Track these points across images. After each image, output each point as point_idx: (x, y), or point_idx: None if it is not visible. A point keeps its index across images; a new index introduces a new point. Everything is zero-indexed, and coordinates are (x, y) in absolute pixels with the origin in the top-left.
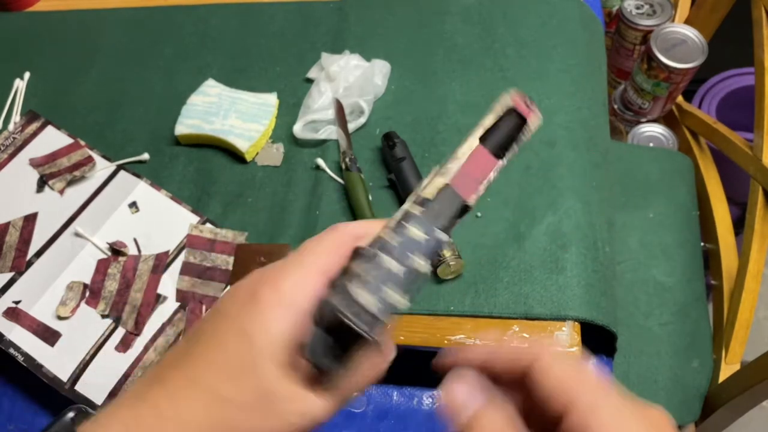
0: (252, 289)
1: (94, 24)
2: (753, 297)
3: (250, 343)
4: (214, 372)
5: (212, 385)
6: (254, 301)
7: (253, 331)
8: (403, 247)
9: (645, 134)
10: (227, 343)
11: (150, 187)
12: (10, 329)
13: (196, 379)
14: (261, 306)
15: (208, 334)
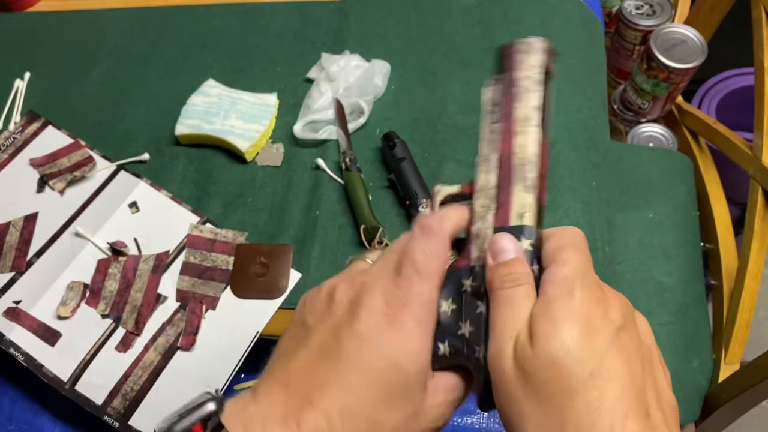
0: (386, 312)
1: (94, 24)
2: (753, 297)
3: (403, 374)
4: (372, 401)
5: (370, 414)
6: (395, 326)
7: (403, 363)
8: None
9: (645, 134)
10: (379, 372)
11: (150, 187)
12: (11, 329)
13: (351, 408)
14: (403, 334)
15: (353, 359)
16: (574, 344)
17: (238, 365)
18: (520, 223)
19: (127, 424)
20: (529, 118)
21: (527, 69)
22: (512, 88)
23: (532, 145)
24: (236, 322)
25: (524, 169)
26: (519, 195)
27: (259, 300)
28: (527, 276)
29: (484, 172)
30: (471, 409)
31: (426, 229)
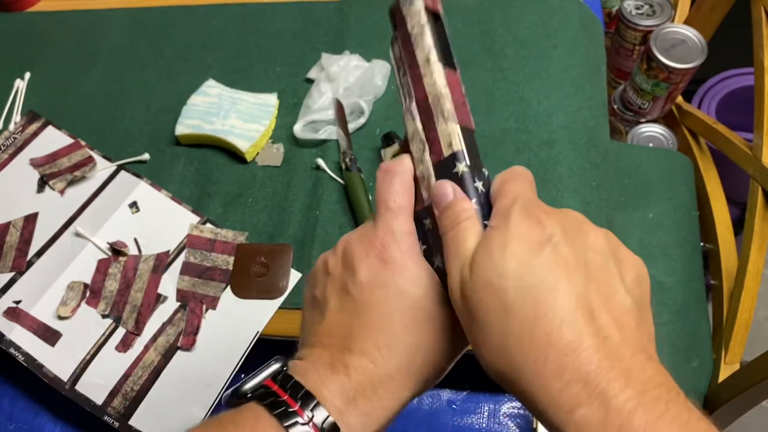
0: (376, 254)
1: (94, 24)
2: (752, 297)
3: (413, 298)
4: (400, 330)
5: (404, 341)
6: (388, 263)
7: (408, 288)
8: (482, 208)
9: (644, 134)
10: (392, 304)
11: (150, 187)
12: (11, 329)
13: (385, 341)
14: (398, 265)
15: (367, 302)
16: (504, 263)
17: (238, 365)
18: (451, 151)
19: (127, 423)
20: (428, 58)
21: (412, 18)
22: (407, 40)
23: (439, 79)
24: (236, 322)
25: (439, 103)
26: (442, 128)
27: (260, 300)
28: (467, 211)
29: (410, 121)
30: (471, 408)
31: (385, 171)
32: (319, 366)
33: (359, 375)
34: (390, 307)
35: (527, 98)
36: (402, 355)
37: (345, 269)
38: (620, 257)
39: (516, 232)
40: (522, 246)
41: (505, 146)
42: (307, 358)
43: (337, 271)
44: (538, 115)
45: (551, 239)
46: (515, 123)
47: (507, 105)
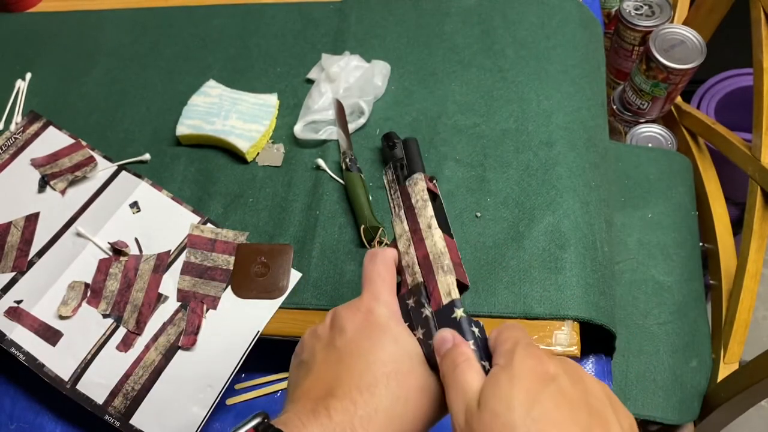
0: (361, 317)
1: (95, 25)
2: (751, 297)
3: (395, 352)
4: (383, 378)
5: (386, 387)
6: (372, 323)
7: (389, 345)
8: (479, 350)
9: (644, 135)
10: (377, 355)
11: (151, 187)
12: (12, 329)
13: (368, 386)
14: (381, 326)
15: (353, 353)
16: (512, 398)
17: (238, 365)
18: (450, 299)
19: (128, 423)
20: (430, 224)
21: (416, 194)
22: (412, 210)
23: (439, 241)
24: (237, 321)
25: (439, 259)
26: (441, 279)
27: (260, 300)
28: (465, 354)
29: (398, 224)
30: None
31: (372, 255)
32: (302, 414)
33: (340, 415)
34: (374, 355)
35: (527, 98)
36: (383, 399)
37: (332, 330)
38: (616, 407)
39: (522, 369)
40: (529, 382)
41: (504, 146)
42: (290, 409)
43: (325, 332)
44: (538, 115)
45: (555, 378)
46: (515, 123)
47: (507, 105)
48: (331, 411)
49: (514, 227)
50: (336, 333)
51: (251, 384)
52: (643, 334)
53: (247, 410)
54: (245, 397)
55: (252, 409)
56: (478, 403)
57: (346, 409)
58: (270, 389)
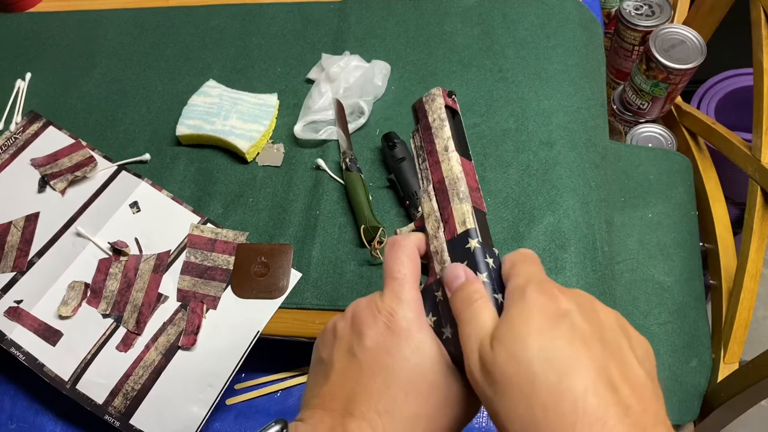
0: (383, 321)
1: (95, 25)
2: (751, 296)
3: (417, 367)
4: (401, 398)
5: (404, 409)
6: (394, 331)
7: (412, 357)
8: (492, 282)
9: (644, 134)
10: (396, 371)
11: (151, 187)
12: (12, 328)
13: (386, 408)
14: (404, 334)
15: (373, 368)
16: (526, 337)
17: (238, 365)
18: (464, 228)
19: (128, 423)
20: (447, 146)
21: (434, 112)
22: (428, 131)
23: (456, 165)
24: (237, 321)
25: (455, 185)
26: (457, 207)
27: (260, 300)
28: (479, 292)
29: (427, 201)
30: None
31: (393, 244)
32: (319, 430)
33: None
34: (392, 373)
35: (527, 98)
36: (402, 423)
37: (353, 333)
38: (629, 334)
39: (535, 308)
40: (542, 319)
41: (504, 146)
42: (308, 421)
43: (345, 334)
44: (538, 115)
45: (568, 314)
46: (515, 123)
47: (507, 105)
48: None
49: (514, 227)
50: (355, 338)
51: (251, 384)
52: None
53: (247, 410)
54: (245, 397)
55: (252, 409)
56: (491, 342)
57: (362, 431)
58: (270, 389)
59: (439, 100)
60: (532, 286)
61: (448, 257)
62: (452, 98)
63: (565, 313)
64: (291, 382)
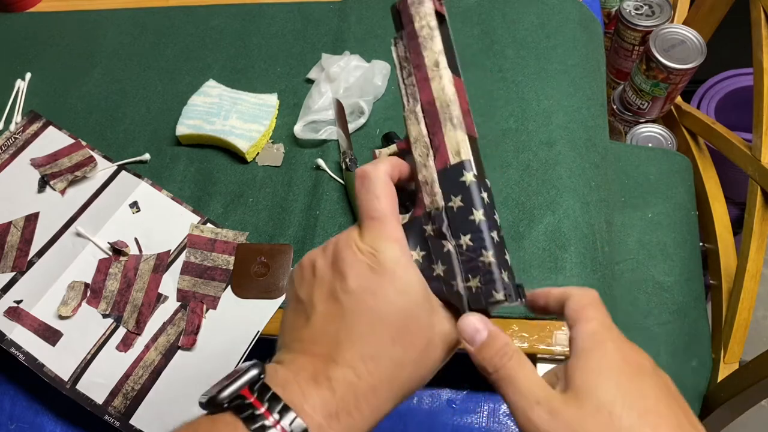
0: (364, 261)
1: (95, 25)
2: (751, 297)
3: (402, 308)
4: (387, 342)
5: (390, 354)
6: (378, 271)
7: (397, 299)
8: (488, 220)
9: (644, 134)
10: (381, 314)
11: (151, 187)
12: (12, 328)
13: (371, 353)
14: (387, 275)
15: (355, 312)
16: (618, 389)
17: (238, 365)
18: (459, 159)
19: (128, 423)
20: (437, 62)
21: (422, 19)
22: (414, 40)
23: (448, 85)
24: (237, 321)
25: (448, 109)
26: (450, 134)
27: (260, 300)
28: (509, 345)
29: (414, 123)
30: (471, 408)
31: (363, 176)
32: (301, 378)
33: (342, 388)
34: (378, 316)
35: (527, 98)
36: (387, 368)
37: (334, 273)
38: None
39: (619, 359)
40: (629, 372)
41: (504, 146)
42: (288, 366)
43: (326, 274)
44: (538, 115)
45: (650, 367)
46: (515, 123)
47: (507, 105)
48: (333, 382)
49: (514, 227)
50: (337, 279)
51: None
52: (643, 335)
53: None
54: None
55: None
56: (563, 391)
57: (349, 381)
58: None
59: (428, 4)
60: (610, 336)
61: (439, 189)
62: (440, 1)
63: (650, 368)
64: None
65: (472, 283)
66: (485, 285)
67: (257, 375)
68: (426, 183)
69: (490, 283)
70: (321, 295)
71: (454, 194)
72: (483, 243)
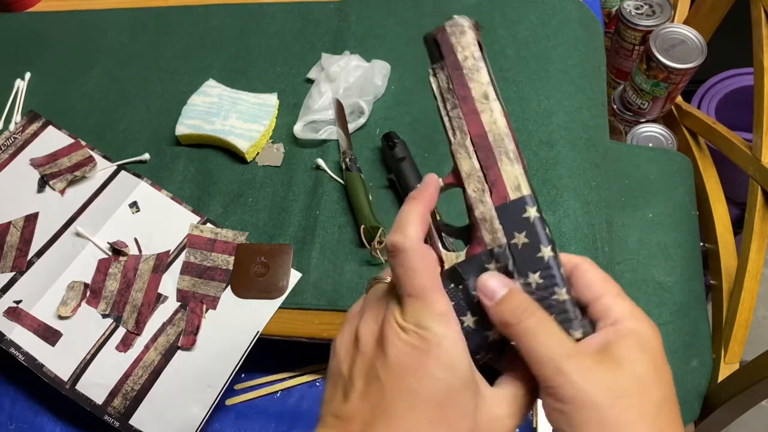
0: (409, 341)
1: (94, 24)
2: (752, 296)
3: (445, 388)
4: (426, 425)
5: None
6: (420, 349)
7: (441, 377)
8: (555, 255)
9: (644, 134)
10: (422, 394)
11: (150, 187)
12: (11, 329)
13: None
14: (431, 352)
15: (395, 391)
16: (653, 367)
17: (238, 365)
18: (520, 194)
19: (127, 423)
20: (486, 94)
21: (464, 49)
22: (458, 71)
23: (500, 118)
24: (237, 321)
25: (502, 143)
26: (507, 169)
27: (260, 300)
28: (532, 303)
29: (465, 157)
30: None
31: (394, 250)
32: None
33: None
34: (418, 395)
35: (527, 98)
36: None
37: (377, 348)
38: None
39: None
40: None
41: None
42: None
43: (369, 348)
44: (538, 115)
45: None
46: (515, 123)
47: (507, 105)
48: None
49: None
50: (379, 355)
51: (251, 384)
52: None
53: (247, 411)
54: (245, 397)
55: (252, 410)
56: (600, 351)
57: None
58: (270, 389)
59: (470, 34)
60: (655, 339)
61: (499, 226)
62: (479, 30)
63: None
64: (291, 383)
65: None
66: (562, 324)
67: None
68: (485, 220)
69: (566, 322)
70: (361, 371)
71: (518, 231)
72: (554, 280)
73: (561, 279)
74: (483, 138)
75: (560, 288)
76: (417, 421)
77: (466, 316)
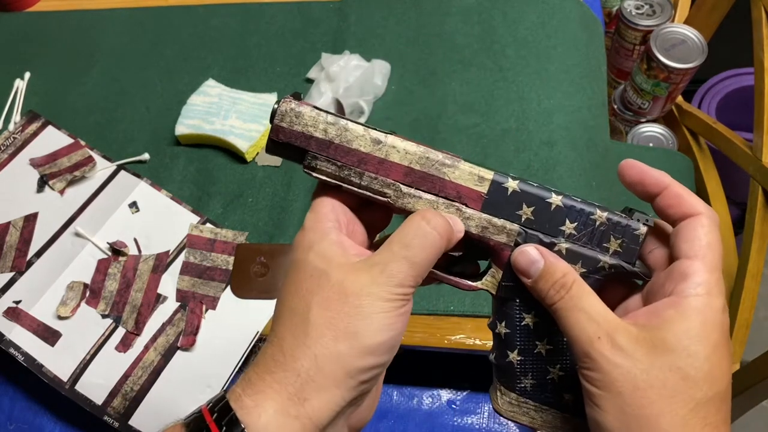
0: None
1: (94, 24)
2: (752, 297)
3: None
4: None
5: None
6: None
7: (321, 262)
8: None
9: (645, 134)
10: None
11: (150, 187)
12: (11, 329)
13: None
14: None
15: (313, 304)
16: (709, 363)
17: (238, 365)
18: (488, 181)
19: (127, 423)
20: (374, 138)
21: (316, 124)
22: (332, 146)
23: (406, 144)
24: (236, 321)
25: (429, 160)
26: (456, 174)
27: (259, 300)
28: (569, 274)
29: (416, 200)
30: (471, 408)
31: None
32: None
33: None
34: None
35: (527, 98)
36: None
37: None
38: None
39: (719, 337)
40: (719, 355)
41: (505, 146)
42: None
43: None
44: (538, 115)
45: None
46: (515, 123)
47: (507, 105)
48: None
49: None
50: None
51: None
52: None
53: None
54: None
55: None
56: (651, 334)
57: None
58: None
59: (304, 108)
60: (717, 282)
61: (499, 220)
62: (300, 97)
63: (730, 358)
64: None
65: (613, 245)
66: (624, 236)
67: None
68: (485, 227)
69: (625, 228)
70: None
71: (518, 209)
72: (584, 212)
73: (587, 205)
74: (411, 172)
75: (594, 214)
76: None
77: (530, 314)
